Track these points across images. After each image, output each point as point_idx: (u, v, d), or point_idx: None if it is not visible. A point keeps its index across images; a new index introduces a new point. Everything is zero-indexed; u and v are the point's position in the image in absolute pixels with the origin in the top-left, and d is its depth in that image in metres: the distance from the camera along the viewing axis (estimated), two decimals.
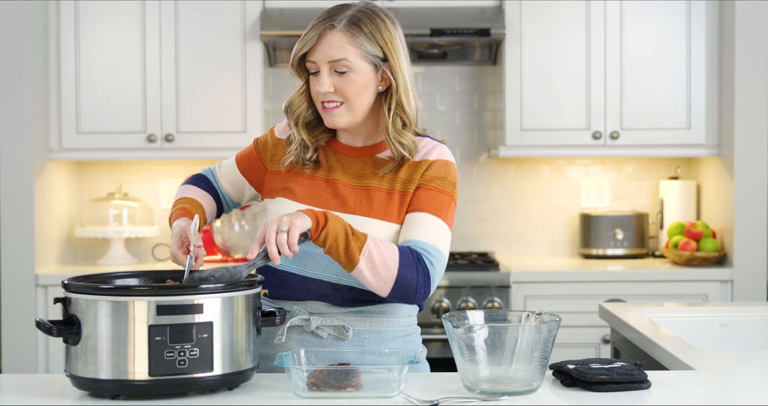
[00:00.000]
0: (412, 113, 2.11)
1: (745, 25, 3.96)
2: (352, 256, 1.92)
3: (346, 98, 2.06)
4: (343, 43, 2.03)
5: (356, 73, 2.04)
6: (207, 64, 4.11)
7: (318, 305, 2.09)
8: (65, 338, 1.81)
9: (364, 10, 2.07)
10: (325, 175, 2.12)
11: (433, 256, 2.00)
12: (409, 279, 1.96)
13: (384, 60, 2.07)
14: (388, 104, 2.09)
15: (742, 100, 3.97)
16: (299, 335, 2.09)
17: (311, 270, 2.07)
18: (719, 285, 3.98)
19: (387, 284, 1.96)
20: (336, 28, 2.03)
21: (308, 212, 1.91)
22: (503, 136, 4.17)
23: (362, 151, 2.14)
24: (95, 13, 4.10)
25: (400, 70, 2.08)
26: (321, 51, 2.04)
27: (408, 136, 2.09)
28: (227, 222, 4.35)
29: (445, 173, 2.10)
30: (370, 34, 2.05)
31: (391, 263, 1.95)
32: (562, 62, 4.13)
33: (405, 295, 1.98)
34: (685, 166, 4.48)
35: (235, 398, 1.82)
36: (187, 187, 2.28)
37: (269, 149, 2.21)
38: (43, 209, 4.05)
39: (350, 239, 1.91)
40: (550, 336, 1.81)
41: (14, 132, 3.92)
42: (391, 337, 2.11)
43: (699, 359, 2.13)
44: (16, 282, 3.93)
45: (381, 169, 2.10)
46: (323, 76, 2.05)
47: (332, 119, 2.08)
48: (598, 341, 3.93)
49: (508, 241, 4.49)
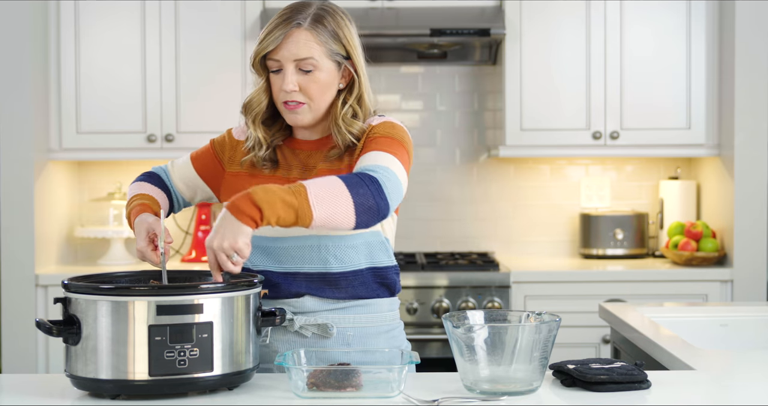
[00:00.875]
0: (369, 105, 2.12)
1: (745, 25, 3.96)
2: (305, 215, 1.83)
3: (310, 98, 2.06)
4: (310, 41, 2.04)
5: (321, 71, 2.05)
6: (207, 64, 4.11)
7: (301, 302, 2.09)
8: (65, 338, 1.81)
9: (326, 9, 2.08)
10: (284, 174, 2.12)
11: (375, 170, 1.92)
12: (364, 195, 1.87)
13: (346, 58, 2.08)
14: (344, 98, 2.09)
15: (742, 100, 3.97)
16: (283, 335, 2.09)
17: (287, 265, 2.08)
18: (719, 285, 3.98)
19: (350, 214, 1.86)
20: (302, 27, 2.04)
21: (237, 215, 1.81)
22: (503, 136, 4.17)
23: (318, 143, 2.14)
24: (95, 13, 4.10)
25: (361, 67, 2.10)
26: (287, 50, 2.04)
27: (357, 124, 2.08)
28: None
29: (390, 128, 2.06)
30: (333, 32, 2.06)
31: (340, 192, 1.85)
32: (562, 62, 4.13)
33: (371, 213, 1.88)
34: (685, 166, 4.48)
35: (235, 398, 1.82)
36: (141, 184, 2.25)
37: (227, 150, 2.20)
38: (43, 209, 4.05)
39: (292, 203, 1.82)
40: (550, 336, 1.81)
41: (14, 132, 3.92)
42: (375, 332, 2.12)
43: (699, 359, 2.13)
44: (16, 282, 3.93)
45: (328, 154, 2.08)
46: (288, 74, 2.05)
47: (295, 117, 2.08)
48: (598, 341, 3.93)
49: (508, 241, 4.49)
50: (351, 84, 2.11)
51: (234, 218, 1.82)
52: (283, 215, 1.82)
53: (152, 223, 2.05)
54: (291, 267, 2.08)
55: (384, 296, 2.14)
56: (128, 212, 2.16)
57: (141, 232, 2.04)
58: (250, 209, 1.81)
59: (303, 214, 1.83)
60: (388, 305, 2.15)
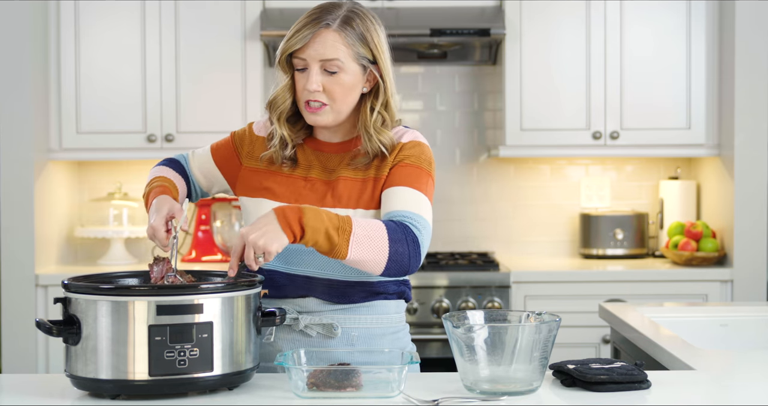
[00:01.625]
0: (395, 113, 2.12)
1: (745, 25, 3.96)
2: (339, 253, 1.89)
3: (332, 99, 2.06)
4: (337, 43, 2.03)
5: (345, 73, 2.05)
6: (207, 64, 4.11)
7: (306, 302, 2.09)
8: (65, 338, 1.81)
9: (356, 11, 2.08)
10: (303, 174, 2.12)
11: (418, 222, 1.99)
12: (401, 253, 1.94)
13: (372, 62, 2.08)
14: (371, 104, 2.09)
15: (742, 100, 3.97)
16: (288, 334, 2.10)
17: (295, 267, 2.08)
18: (719, 285, 3.98)
19: (380, 264, 1.93)
20: (331, 28, 2.03)
21: (283, 224, 1.86)
22: (503, 136, 4.17)
23: (340, 146, 2.14)
24: (95, 13, 4.10)
25: (388, 73, 2.10)
26: (313, 49, 2.04)
27: (386, 133, 2.09)
28: (227, 222, 4.35)
29: (419, 152, 2.09)
30: (361, 35, 2.06)
31: (380, 243, 1.92)
32: (562, 62, 4.13)
33: (399, 269, 1.96)
34: (685, 166, 4.48)
35: (235, 398, 1.82)
36: (163, 168, 2.25)
37: (246, 145, 2.20)
38: (43, 209, 4.05)
39: (333, 238, 1.88)
40: (550, 336, 1.81)
41: (14, 132, 3.92)
42: (380, 334, 2.12)
43: (699, 359, 2.13)
44: (16, 282, 3.93)
45: (354, 161, 2.09)
46: (313, 74, 2.04)
47: (315, 118, 2.08)
48: (598, 341, 3.93)
49: (508, 241, 4.49)
50: (376, 89, 2.11)
51: (278, 225, 1.86)
52: (321, 245, 1.88)
53: (173, 206, 2.04)
54: (298, 270, 2.08)
55: (391, 299, 2.14)
56: (147, 191, 2.15)
57: (160, 210, 2.02)
58: (296, 226, 1.86)
59: (339, 251, 1.89)
60: (394, 307, 2.15)
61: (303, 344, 2.08)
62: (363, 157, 2.09)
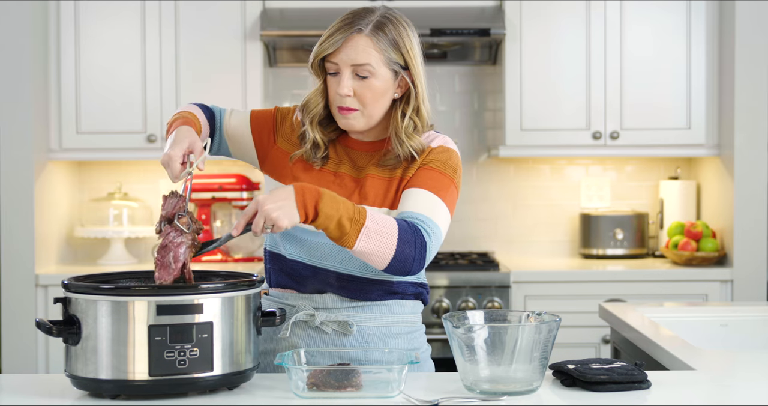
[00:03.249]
0: (427, 118, 2.13)
1: (745, 25, 3.96)
2: (347, 242, 1.90)
3: (363, 104, 2.07)
4: (369, 48, 2.05)
5: (377, 78, 2.06)
6: (207, 64, 4.11)
7: (323, 298, 2.10)
8: (65, 338, 1.81)
9: (389, 16, 2.09)
10: (333, 168, 2.13)
11: (430, 227, 2.00)
12: (407, 254, 1.95)
13: (404, 67, 2.09)
14: (402, 110, 2.10)
15: (742, 100, 3.97)
16: (303, 330, 2.10)
17: (318, 260, 2.09)
18: (719, 285, 3.98)
19: (385, 260, 1.94)
20: (363, 33, 2.05)
21: (299, 203, 1.87)
22: (503, 136, 4.17)
23: (371, 145, 2.15)
24: (95, 13, 4.10)
25: (420, 78, 2.10)
26: (345, 54, 2.05)
27: (417, 139, 2.10)
28: (227, 222, 4.35)
29: (446, 158, 2.11)
30: (393, 41, 2.07)
31: (389, 240, 1.93)
32: (562, 62, 4.13)
33: (401, 269, 1.97)
34: (685, 166, 4.47)
35: (235, 398, 1.82)
36: (194, 107, 2.20)
37: (286, 127, 2.19)
38: (43, 209, 4.05)
39: (344, 227, 1.89)
40: (550, 336, 1.81)
41: (14, 132, 3.92)
42: (395, 333, 2.13)
43: (699, 359, 2.13)
44: (16, 282, 3.93)
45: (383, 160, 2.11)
46: (344, 79, 2.06)
47: (347, 122, 2.09)
48: (598, 341, 3.93)
49: (508, 241, 4.49)
50: (407, 94, 2.11)
51: (294, 203, 1.86)
52: (331, 231, 1.89)
53: (195, 141, 2.00)
54: (321, 263, 2.09)
55: (408, 299, 2.15)
56: (171, 120, 2.11)
57: (181, 141, 1.98)
58: (310, 209, 1.87)
59: (347, 240, 1.90)
60: (411, 308, 2.16)
61: (318, 341, 2.09)
62: (393, 159, 2.10)
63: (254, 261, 4.28)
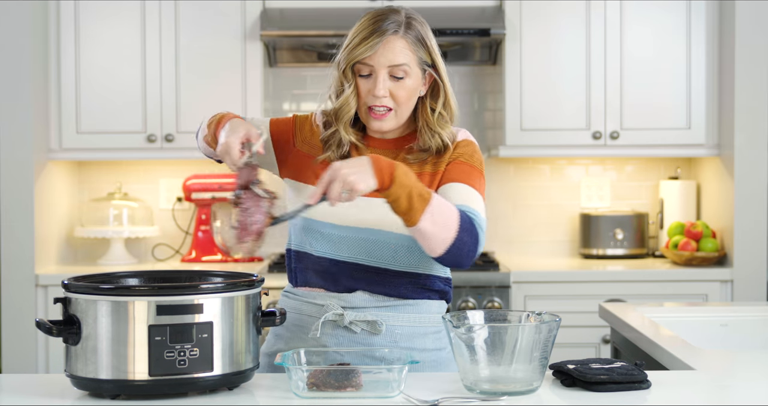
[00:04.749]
0: (454, 108, 2.18)
1: (745, 25, 3.96)
2: (412, 217, 1.90)
3: (398, 104, 2.10)
4: (405, 49, 2.09)
5: (410, 78, 2.10)
6: (207, 64, 4.11)
7: (352, 297, 2.10)
8: (65, 338, 1.82)
9: (412, 16, 2.14)
10: None
11: (481, 221, 2.02)
12: (465, 243, 1.96)
13: (429, 65, 2.13)
14: (430, 105, 2.15)
15: (742, 100, 3.97)
16: (333, 330, 2.11)
17: (345, 253, 2.09)
18: (719, 285, 3.98)
19: (444, 244, 1.94)
20: (398, 34, 2.08)
21: (376, 169, 1.88)
22: (503, 136, 4.17)
23: (393, 142, 2.18)
24: (95, 13, 4.10)
25: (444, 73, 2.15)
26: (383, 56, 2.07)
27: (448, 128, 2.16)
28: (227, 222, 4.34)
29: (472, 151, 2.16)
30: (421, 40, 2.12)
31: (451, 224, 1.94)
32: (562, 62, 4.13)
33: (457, 257, 1.97)
34: (685, 166, 4.48)
35: (235, 398, 1.82)
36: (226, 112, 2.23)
37: (306, 131, 2.21)
38: (43, 209, 4.05)
39: (414, 201, 1.89)
40: (550, 336, 1.81)
41: (14, 132, 3.92)
42: (422, 332, 2.14)
43: (699, 359, 2.13)
44: (16, 282, 3.93)
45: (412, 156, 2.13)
46: (380, 80, 2.08)
47: (380, 124, 2.12)
48: (598, 341, 3.93)
49: (508, 241, 4.49)
50: (431, 90, 2.16)
51: (371, 168, 1.87)
52: (401, 203, 1.89)
53: (251, 129, 2.03)
54: (348, 256, 2.09)
55: (434, 299, 2.16)
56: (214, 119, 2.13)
57: (236, 130, 2.01)
58: (386, 175, 1.88)
59: (413, 215, 1.90)
60: (437, 307, 2.18)
61: (347, 340, 2.09)
62: (422, 153, 2.13)
63: (254, 261, 4.27)
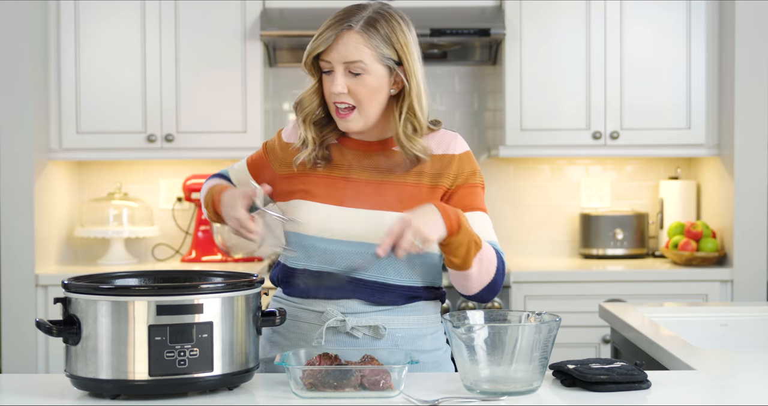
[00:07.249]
0: (422, 118, 2.09)
1: (745, 25, 3.96)
2: (467, 264, 1.98)
3: (359, 101, 2.05)
4: (360, 44, 2.03)
5: (370, 75, 2.04)
6: (207, 64, 4.11)
7: (350, 303, 2.09)
8: (65, 338, 1.82)
9: (381, 12, 2.07)
10: (343, 174, 2.11)
11: (505, 259, 2.09)
12: (498, 283, 2.05)
13: (398, 63, 2.07)
14: (400, 108, 2.08)
15: (742, 100, 3.97)
16: (335, 336, 2.09)
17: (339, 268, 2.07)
18: (719, 285, 3.98)
19: (479, 287, 2.04)
20: (353, 30, 2.03)
21: (444, 217, 1.92)
22: (503, 136, 4.17)
23: (376, 145, 2.14)
24: (95, 13, 4.10)
25: (414, 74, 2.08)
26: (336, 51, 2.03)
27: (418, 141, 2.07)
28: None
29: (474, 166, 2.15)
30: (386, 36, 2.05)
31: (492, 269, 2.02)
32: (562, 62, 4.13)
33: (486, 295, 2.06)
34: (685, 166, 4.48)
35: (235, 398, 1.82)
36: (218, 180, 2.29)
37: (278, 153, 2.20)
38: (43, 209, 4.05)
39: (471, 247, 1.96)
40: (550, 336, 1.81)
41: (14, 132, 3.92)
42: (421, 334, 2.14)
43: (699, 359, 2.13)
44: (16, 282, 3.93)
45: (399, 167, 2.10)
46: (337, 76, 2.04)
47: (346, 124, 2.08)
48: (598, 341, 3.93)
49: (507, 241, 4.49)
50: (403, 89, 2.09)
51: (440, 217, 1.92)
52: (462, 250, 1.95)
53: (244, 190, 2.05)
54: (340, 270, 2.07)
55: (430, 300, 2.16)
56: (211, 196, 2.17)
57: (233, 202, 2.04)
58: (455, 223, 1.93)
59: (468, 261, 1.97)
60: (433, 308, 2.17)
61: (349, 346, 2.07)
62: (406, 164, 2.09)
63: (254, 261, 4.28)
